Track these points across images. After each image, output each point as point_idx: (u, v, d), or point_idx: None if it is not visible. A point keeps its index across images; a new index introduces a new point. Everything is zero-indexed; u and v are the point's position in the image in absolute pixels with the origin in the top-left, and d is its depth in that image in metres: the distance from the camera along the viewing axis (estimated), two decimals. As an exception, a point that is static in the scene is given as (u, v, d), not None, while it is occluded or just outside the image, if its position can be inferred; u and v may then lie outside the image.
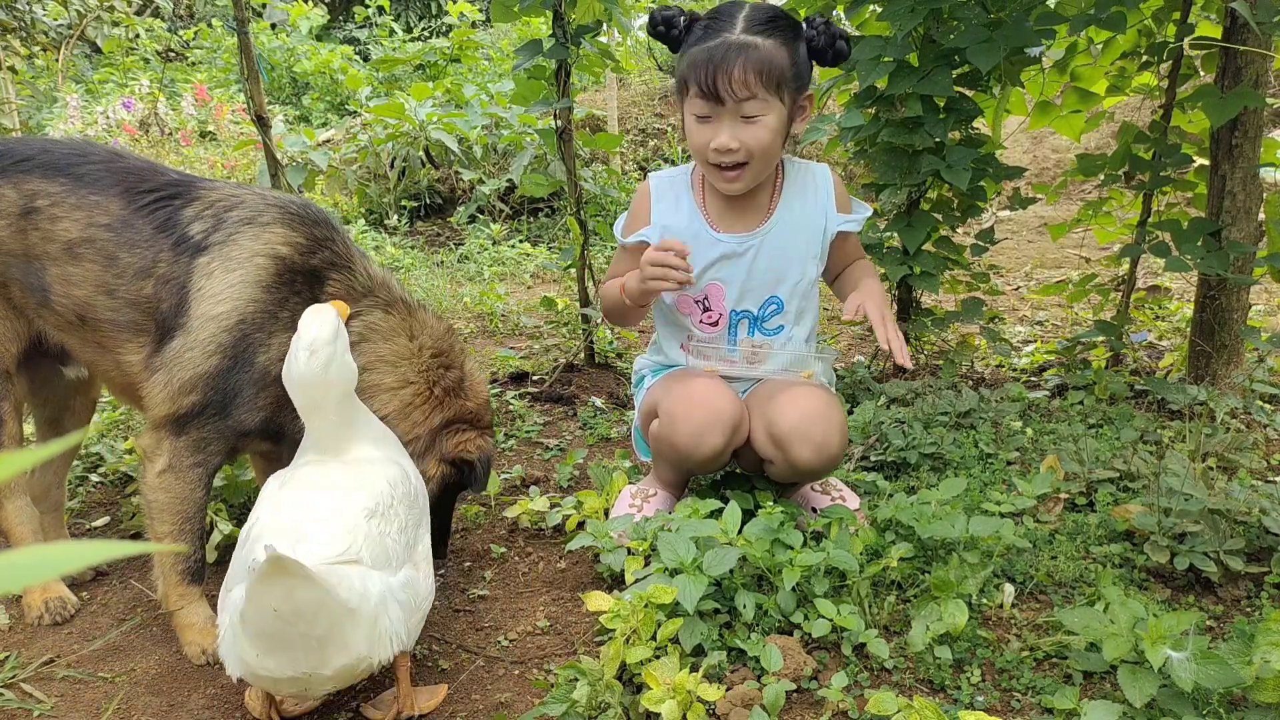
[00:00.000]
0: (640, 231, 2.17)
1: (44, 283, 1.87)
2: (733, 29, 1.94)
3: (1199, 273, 2.98)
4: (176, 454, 1.84)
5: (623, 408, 3.24)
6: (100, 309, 1.86)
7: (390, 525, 1.57)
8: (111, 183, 1.89)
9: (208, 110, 8.90)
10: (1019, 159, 7.63)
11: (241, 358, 1.82)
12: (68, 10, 8.16)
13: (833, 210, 2.17)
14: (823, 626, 1.75)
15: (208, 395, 1.82)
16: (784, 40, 1.95)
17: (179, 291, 1.82)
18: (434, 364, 1.99)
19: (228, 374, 1.81)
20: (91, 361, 1.99)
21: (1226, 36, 2.79)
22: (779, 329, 2.19)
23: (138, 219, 1.86)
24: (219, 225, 1.85)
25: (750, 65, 1.90)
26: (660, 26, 2.05)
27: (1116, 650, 1.52)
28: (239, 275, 1.81)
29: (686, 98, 2.00)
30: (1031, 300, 4.80)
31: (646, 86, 8.91)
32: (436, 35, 12.10)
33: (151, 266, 1.83)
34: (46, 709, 1.72)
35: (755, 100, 1.93)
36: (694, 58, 1.96)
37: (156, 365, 1.84)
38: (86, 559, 0.41)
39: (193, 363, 1.80)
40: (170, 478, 1.84)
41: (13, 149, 1.92)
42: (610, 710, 1.56)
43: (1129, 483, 2.32)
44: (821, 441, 2.00)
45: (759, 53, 1.91)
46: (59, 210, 1.85)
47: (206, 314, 1.80)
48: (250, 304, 1.81)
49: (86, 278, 1.85)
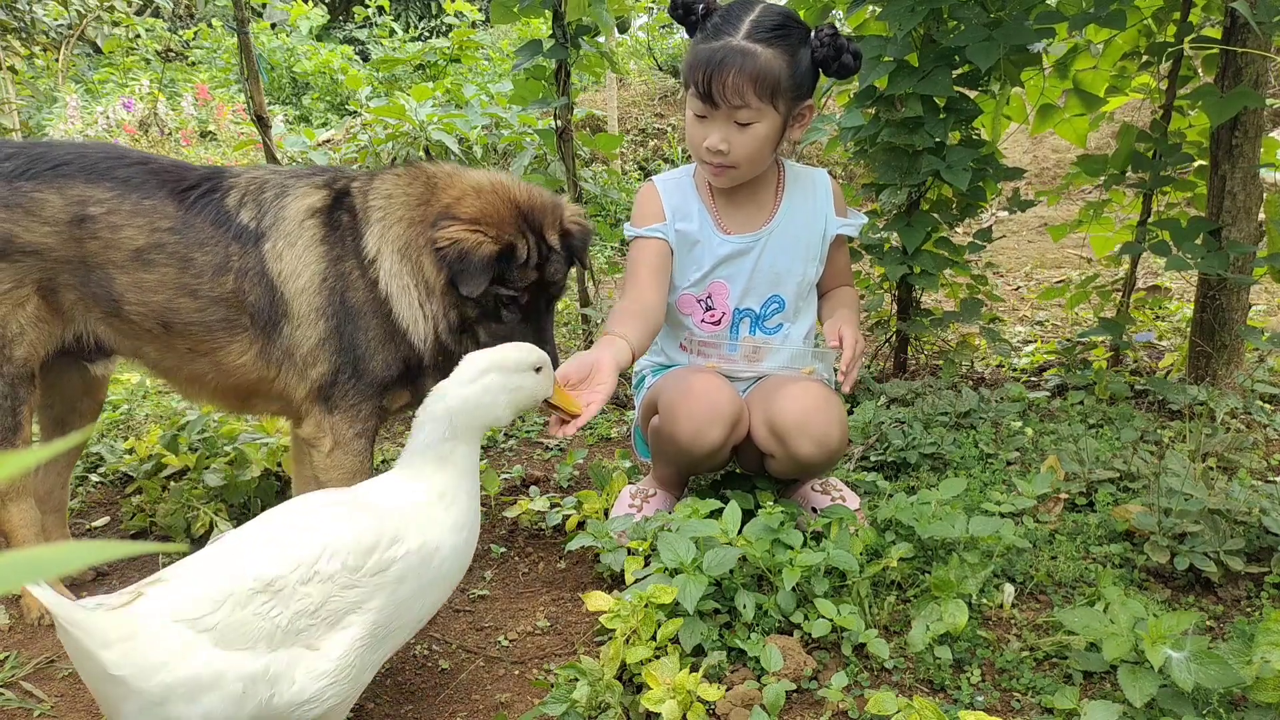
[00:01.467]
0: (655, 226, 2.17)
1: (113, 292, 1.90)
2: (736, 33, 1.95)
3: (1199, 273, 2.98)
4: (337, 429, 1.94)
5: (623, 408, 3.24)
6: (185, 312, 1.91)
7: (287, 605, 1.31)
8: (156, 185, 1.93)
9: (208, 110, 8.90)
10: (1019, 159, 7.63)
11: (340, 309, 1.92)
12: (68, 10, 8.17)
13: (832, 213, 2.22)
14: (823, 626, 1.75)
15: (334, 360, 1.92)
16: (785, 49, 1.95)
17: (262, 280, 1.91)
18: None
19: (340, 331, 1.91)
20: (174, 368, 2.01)
21: (1226, 36, 2.79)
22: (779, 328, 2.21)
23: (194, 218, 1.92)
24: (262, 209, 1.95)
25: (745, 74, 1.91)
26: (680, 10, 2.06)
27: (1116, 650, 1.52)
28: (301, 244, 1.93)
29: (688, 93, 2.03)
30: (1031, 300, 4.80)
31: (646, 86, 8.91)
32: (436, 35, 12.10)
33: (226, 261, 1.91)
34: (46, 709, 1.72)
35: (748, 108, 1.96)
36: (696, 56, 1.97)
37: (278, 357, 1.94)
38: (86, 559, 0.41)
39: (305, 337, 1.92)
40: (340, 454, 1.95)
41: (46, 153, 1.91)
42: (610, 710, 1.56)
43: (1129, 483, 2.32)
44: (822, 434, 2.00)
45: (756, 61, 1.92)
46: (117, 218, 1.88)
47: (296, 290, 1.91)
48: (320, 260, 1.93)
49: (164, 282, 1.90)
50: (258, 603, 1.29)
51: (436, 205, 1.94)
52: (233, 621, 1.27)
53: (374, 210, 1.96)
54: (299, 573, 1.33)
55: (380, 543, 1.39)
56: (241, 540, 1.40)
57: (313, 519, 1.42)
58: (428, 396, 1.53)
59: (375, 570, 1.38)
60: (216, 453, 2.66)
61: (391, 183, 2.00)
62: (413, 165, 2.05)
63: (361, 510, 1.44)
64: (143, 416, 3.17)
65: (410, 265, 1.93)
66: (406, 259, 1.93)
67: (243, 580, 1.30)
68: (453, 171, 2.03)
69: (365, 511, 1.44)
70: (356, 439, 1.97)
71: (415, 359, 1.98)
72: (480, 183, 1.98)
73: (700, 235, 2.16)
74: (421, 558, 1.44)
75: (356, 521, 1.41)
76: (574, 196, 3.46)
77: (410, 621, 1.47)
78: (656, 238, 2.16)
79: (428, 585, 1.46)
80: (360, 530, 1.39)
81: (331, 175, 2.05)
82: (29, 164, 1.87)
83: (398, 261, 1.93)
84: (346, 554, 1.36)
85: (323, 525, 1.40)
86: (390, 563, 1.40)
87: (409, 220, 1.95)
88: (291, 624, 1.31)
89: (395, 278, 1.92)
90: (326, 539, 1.37)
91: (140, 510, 2.45)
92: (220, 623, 1.27)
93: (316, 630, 1.33)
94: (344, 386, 1.94)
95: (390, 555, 1.40)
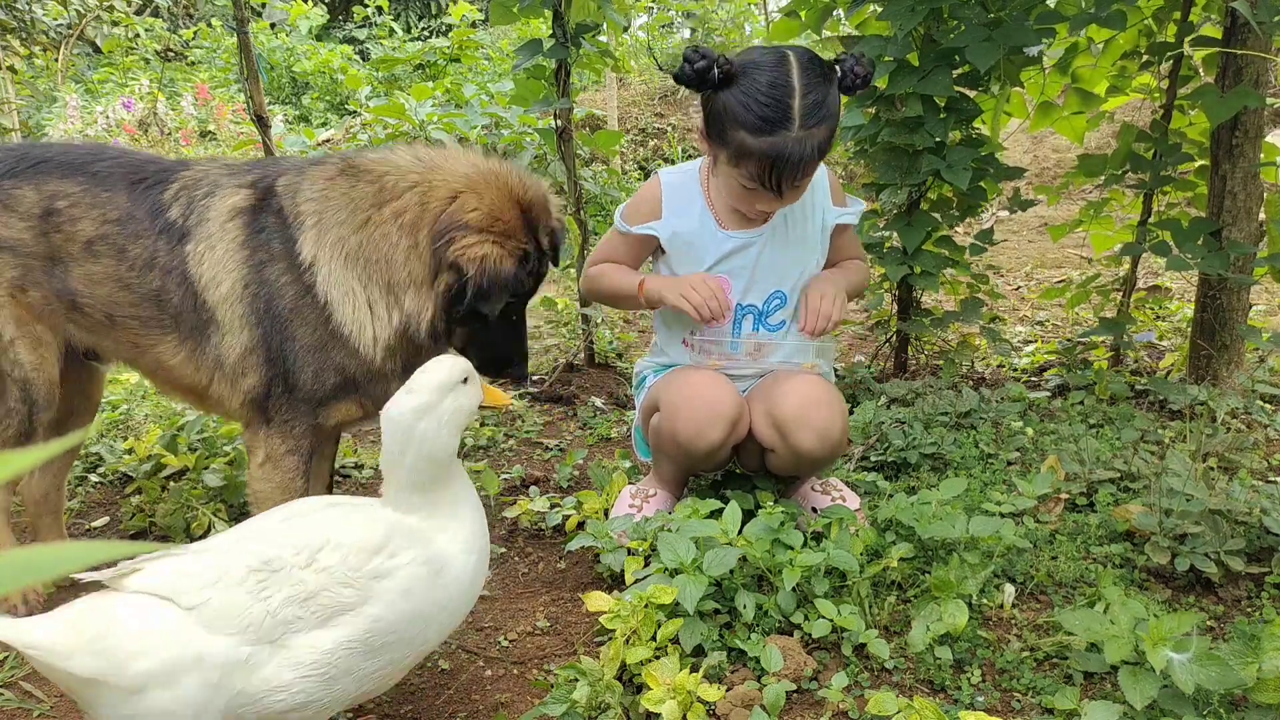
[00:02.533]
0: (649, 225, 2.18)
1: (70, 285, 1.88)
2: (790, 125, 1.86)
3: (1199, 272, 2.98)
4: (270, 443, 1.89)
5: (623, 408, 3.24)
6: (123, 305, 1.88)
7: (280, 588, 1.28)
8: (120, 176, 1.90)
9: (208, 110, 8.90)
10: (1019, 159, 7.63)
11: (267, 317, 1.83)
12: (67, 10, 8.16)
13: (829, 205, 2.22)
14: (823, 627, 1.75)
15: (263, 370, 1.85)
16: (831, 113, 1.92)
17: (183, 284, 1.85)
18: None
19: (267, 341, 1.84)
20: (131, 360, 2.00)
21: (1226, 36, 2.79)
22: (781, 324, 2.22)
23: (136, 209, 1.88)
24: (190, 206, 1.87)
25: (809, 161, 1.90)
26: (694, 80, 1.93)
27: (1117, 651, 1.52)
28: (222, 249, 1.84)
29: (732, 163, 1.95)
30: (1032, 300, 4.80)
31: (646, 86, 8.91)
32: (436, 35, 12.10)
33: (153, 257, 1.86)
34: (46, 709, 1.72)
35: (809, 178, 1.98)
36: (753, 149, 1.88)
37: (209, 365, 1.88)
38: (86, 559, 0.40)
39: (232, 347, 1.85)
40: (270, 469, 1.90)
41: (30, 152, 1.92)
42: (610, 711, 1.56)
43: (1129, 483, 2.32)
44: (824, 428, 2.01)
45: (816, 145, 1.90)
46: (77, 210, 1.86)
47: (219, 298, 1.84)
48: (243, 266, 1.83)
49: (106, 274, 1.87)
50: (252, 581, 1.26)
51: (429, 210, 1.80)
52: (225, 600, 1.24)
53: (306, 213, 1.83)
54: (300, 557, 1.30)
55: (386, 547, 1.36)
56: (240, 530, 1.39)
57: (319, 515, 1.40)
58: (384, 429, 1.44)
59: (375, 575, 1.34)
60: (216, 453, 2.66)
61: (324, 184, 1.85)
62: (349, 162, 1.89)
63: (371, 514, 1.42)
64: (142, 416, 3.17)
65: (360, 269, 1.81)
66: (356, 263, 1.81)
67: (240, 558, 1.28)
68: (411, 164, 1.85)
69: (375, 516, 1.41)
70: (288, 455, 1.90)
71: (359, 367, 1.86)
72: (469, 175, 1.83)
73: (700, 232, 2.16)
74: (430, 571, 1.39)
75: (364, 522, 1.39)
76: (574, 196, 3.46)
77: (413, 639, 1.40)
78: (646, 235, 2.18)
79: (435, 606, 1.40)
80: (368, 530, 1.37)
81: (259, 173, 1.92)
82: (15, 163, 1.88)
83: (341, 266, 1.80)
84: (349, 550, 1.33)
85: (329, 520, 1.38)
86: (394, 570, 1.35)
87: (359, 224, 1.81)
88: (280, 611, 1.27)
89: (337, 284, 1.81)
90: (331, 531, 1.35)
91: (140, 510, 2.45)
92: (211, 600, 1.24)
93: (304, 624, 1.29)
94: (278, 400, 1.86)
95: (394, 563, 1.36)
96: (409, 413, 1.40)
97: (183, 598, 1.24)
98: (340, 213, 1.82)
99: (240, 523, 1.48)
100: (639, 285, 2.15)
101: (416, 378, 1.45)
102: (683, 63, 1.93)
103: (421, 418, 1.40)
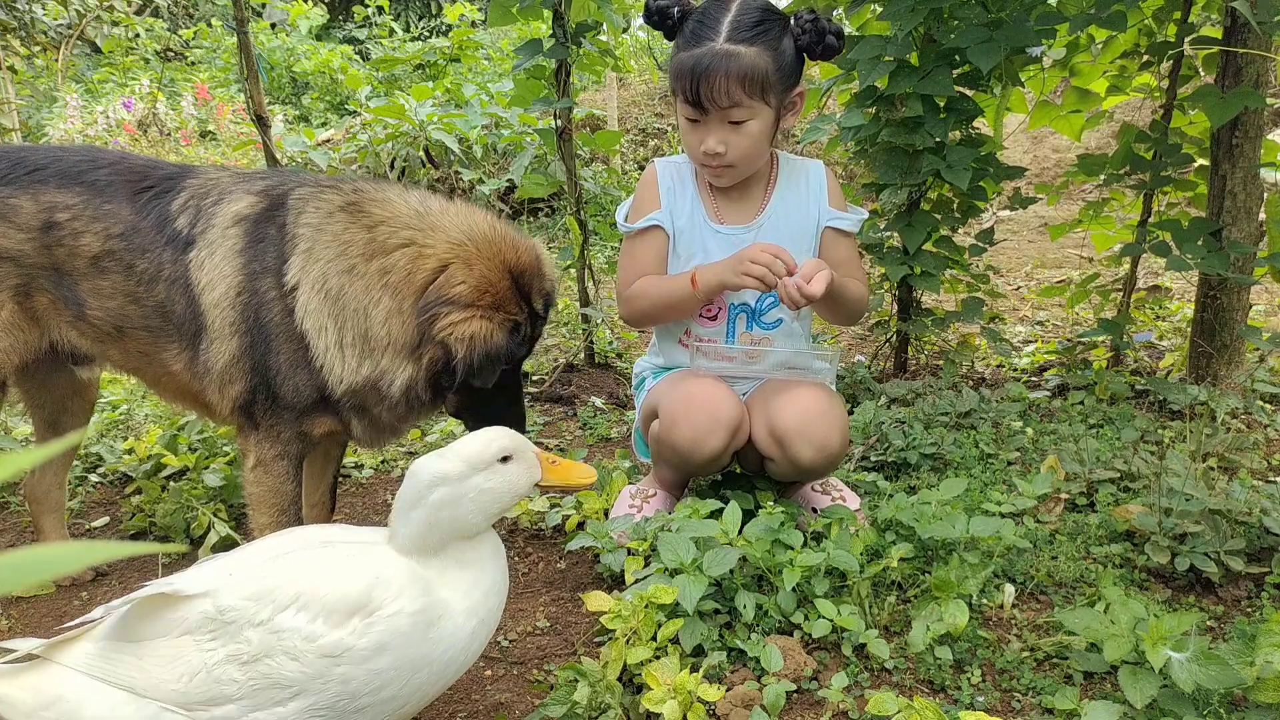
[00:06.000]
0: (651, 215, 2.18)
1: (78, 297, 1.89)
2: (716, 36, 1.95)
3: (1200, 272, 2.98)
4: (260, 448, 1.90)
5: (623, 408, 3.24)
6: (133, 318, 1.89)
7: (217, 648, 1.17)
8: (119, 186, 1.90)
9: (208, 110, 8.90)
10: (1019, 159, 7.64)
11: (254, 327, 1.83)
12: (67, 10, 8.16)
13: (825, 203, 2.19)
14: (823, 627, 1.75)
15: (248, 379, 1.85)
16: (768, 44, 1.96)
17: (185, 291, 1.85)
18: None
19: (252, 350, 1.84)
20: (137, 369, 2.00)
21: (1227, 36, 2.79)
22: (777, 322, 2.21)
23: (141, 222, 1.87)
24: (198, 215, 1.87)
25: (733, 76, 1.92)
26: (655, 16, 2.06)
27: (1117, 651, 1.52)
28: (220, 254, 1.84)
29: (675, 93, 2.03)
30: (1032, 300, 4.80)
31: (646, 86, 8.91)
32: (436, 35, 12.10)
33: (159, 270, 1.86)
34: None
35: (739, 107, 1.96)
36: (680, 65, 1.97)
37: (201, 371, 1.88)
38: (86, 559, 0.40)
39: (220, 353, 1.85)
40: (260, 472, 1.91)
41: (25, 158, 1.91)
42: (611, 711, 1.56)
43: (1129, 483, 2.32)
44: (823, 441, 2.00)
45: (741, 62, 1.92)
46: (79, 224, 1.86)
47: (211, 302, 1.84)
48: (238, 273, 1.83)
49: (115, 289, 1.88)
50: (204, 631, 1.17)
51: (415, 280, 1.76)
52: (154, 666, 1.15)
53: (301, 237, 1.80)
54: (260, 611, 1.18)
55: (365, 606, 1.22)
56: (228, 560, 1.30)
57: (304, 556, 1.28)
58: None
59: (331, 654, 1.19)
60: (216, 453, 2.66)
61: (324, 215, 1.82)
62: (354, 197, 1.86)
63: (362, 561, 1.29)
64: (142, 416, 3.17)
65: (336, 312, 1.78)
66: (334, 304, 1.78)
67: (198, 605, 1.19)
68: (409, 217, 1.82)
69: (364, 565, 1.28)
70: (277, 460, 1.91)
71: (331, 393, 1.85)
72: (461, 243, 1.79)
73: (691, 224, 2.16)
74: (419, 622, 1.25)
75: (349, 572, 1.26)
76: (574, 196, 3.46)
77: (394, 698, 1.25)
78: (654, 226, 2.17)
79: (422, 660, 1.26)
80: (348, 585, 1.23)
81: (275, 181, 1.90)
82: (9, 170, 1.87)
83: (319, 302, 1.78)
84: (318, 611, 1.20)
85: (309, 568, 1.25)
86: (368, 629, 1.21)
87: (343, 269, 1.78)
88: (216, 669, 1.16)
89: (312, 316, 1.78)
90: (305, 585, 1.21)
91: (140, 510, 2.45)
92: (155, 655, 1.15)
93: (239, 693, 1.16)
94: (263, 406, 1.87)
95: (368, 623, 1.22)
96: (427, 476, 1.30)
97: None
98: (329, 250, 1.79)
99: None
100: (690, 280, 2.07)
101: (455, 443, 1.35)
102: (648, 2, 2.06)
103: (439, 486, 1.29)
